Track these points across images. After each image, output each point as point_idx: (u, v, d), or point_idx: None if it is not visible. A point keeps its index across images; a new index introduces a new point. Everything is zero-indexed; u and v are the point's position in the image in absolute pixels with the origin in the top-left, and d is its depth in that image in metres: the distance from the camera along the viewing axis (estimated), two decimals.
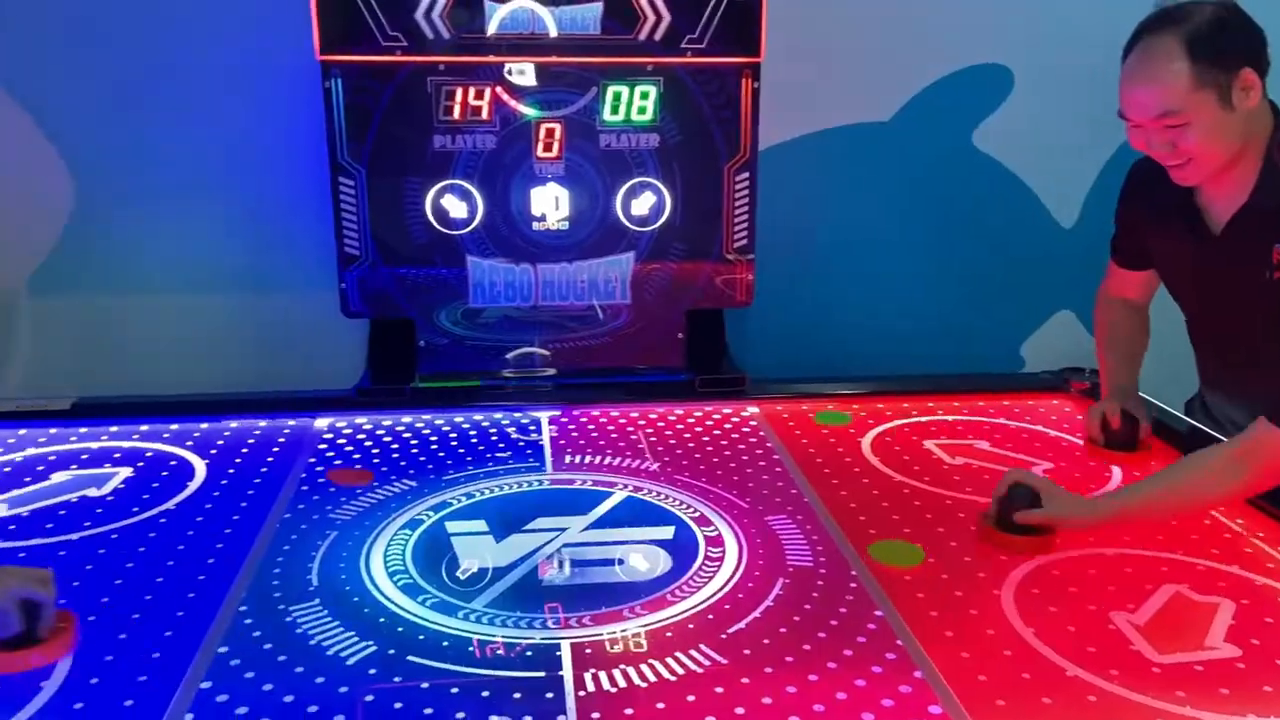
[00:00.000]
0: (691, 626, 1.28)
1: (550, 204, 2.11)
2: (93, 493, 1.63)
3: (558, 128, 2.07)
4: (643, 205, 2.13)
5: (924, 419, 1.98)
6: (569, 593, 1.36)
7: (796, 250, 2.43)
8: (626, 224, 2.14)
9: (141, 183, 2.26)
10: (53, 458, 1.77)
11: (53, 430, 1.86)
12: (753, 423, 1.96)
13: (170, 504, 1.60)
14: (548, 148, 2.08)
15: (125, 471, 1.71)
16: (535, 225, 2.12)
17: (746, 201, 2.13)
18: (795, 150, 2.40)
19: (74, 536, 1.49)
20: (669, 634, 1.26)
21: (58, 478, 1.69)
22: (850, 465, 1.76)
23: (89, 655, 1.20)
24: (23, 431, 1.86)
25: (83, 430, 1.86)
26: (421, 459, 1.78)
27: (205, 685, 1.15)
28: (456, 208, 2.09)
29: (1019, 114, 2.45)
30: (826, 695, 1.14)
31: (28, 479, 1.68)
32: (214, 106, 2.24)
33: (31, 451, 1.79)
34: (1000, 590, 1.36)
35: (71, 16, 2.17)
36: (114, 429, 1.87)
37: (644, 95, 2.07)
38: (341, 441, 1.85)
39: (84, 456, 1.77)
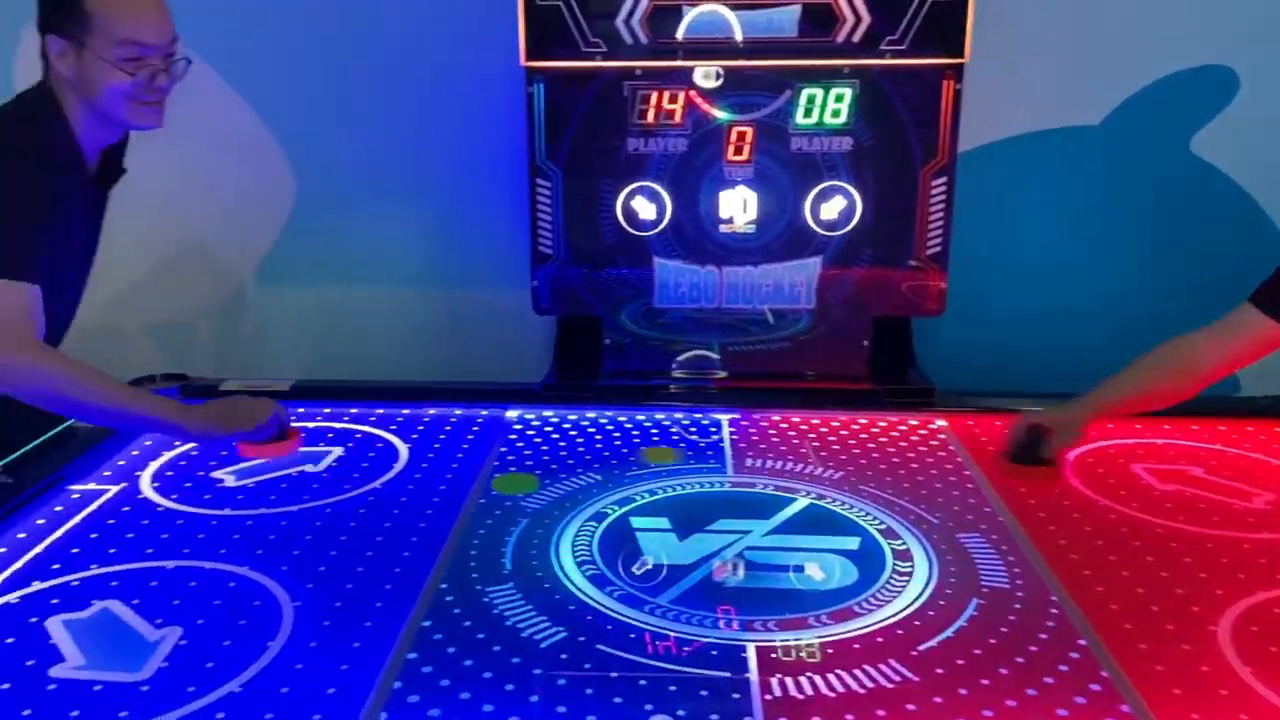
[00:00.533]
0: (880, 640, 1.25)
1: (738, 207, 2.12)
2: (310, 469, 1.75)
3: (749, 131, 2.08)
4: (832, 209, 2.10)
5: (1131, 441, 1.87)
6: (754, 597, 1.36)
7: (991, 259, 2.34)
8: (815, 228, 2.12)
9: (355, 182, 2.42)
10: None
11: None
12: (941, 436, 1.91)
13: (378, 483, 1.70)
14: (738, 150, 2.09)
15: (338, 450, 1.83)
16: (722, 228, 2.13)
17: (943, 207, 2.07)
18: (996, 155, 2.31)
19: (294, 508, 1.61)
20: (856, 645, 1.24)
21: None
22: (1049, 485, 1.68)
23: (308, 620, 1.29)
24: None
25: (300, 410, 1.99)
26: (605, 454, 1.82)
27: (411, 656, 1.22)
28: (646, 209, 2.13)
29: (1244, 119, 2.27)
30: None
31: None
32: (422, 111, 2.37)
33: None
34: (1216, 625, 1.27)
35: (293, 25, 2.33)
36: (327, 410, 2.00)
37: (839, 98, 2.04)
38: (530, 433, 1.92)
39: (302, 435, 1.90)
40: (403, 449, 1.84)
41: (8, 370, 1.42)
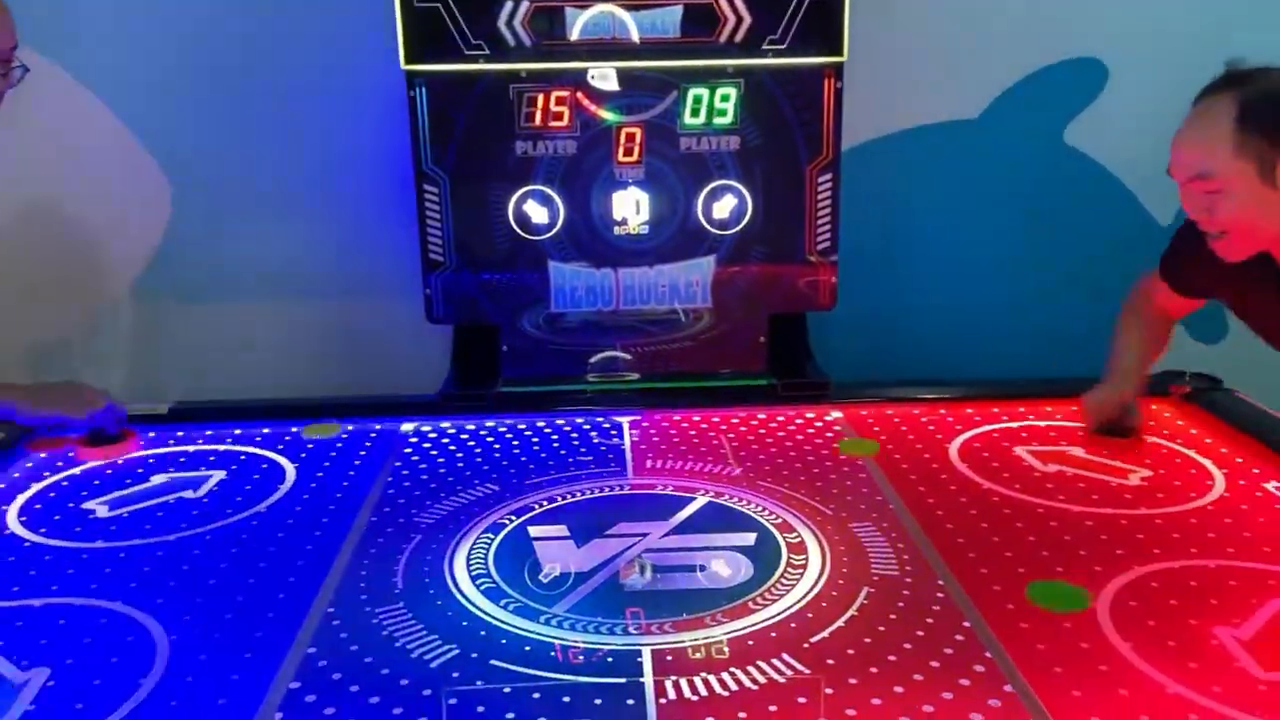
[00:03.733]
0: (774, 635, 1.26)
1: (631, 208, 2.12)
2: (189, 495, 1.69)
3: (638, 132, 2.07)
4: (724, 208, 2.12)
5: (1014, 425, 1.92)
6: (651, 599, 1.36)
7: (881, 252, 2.38)
8: (707, 227, 2.12)
9: (234, 191, 2.34)
10: (152, 460, 1.84)
11: (151, 434, 1.93)
12: (836, 428, 1.93)
13: (262, 506, 1.65)
14: (628, 152, 2.08)
15: (220, 474, 1.77)
16: (616, 230, 2.12)
17: (829, 203, 2.10)
18: (879, 150, 2.36)
19: (171, 538, 1.54)
20: (751, 642, 1.25)
21: (156, 480, 1.75)
22: (937, 472, 1.72)
23: (184, 654, 1.24)
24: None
25: (180, 434, 1.93)
26: (504, 464, 1.80)
27: (294, 685, 1.18)
28: (538, 213, 2.11)
29: (1114, 109, 2.36)
30: (912, 708, 1.11)
31: (128, 481, 1.75)
32: (303, 117, 2.31)
33: (132, 454, 1.86)
34: (1096, 603, 1.31)
35: (162, 29, 2.25)
36: (209, 432, 1.94)
37: (724, 98, 2.06)
38: (426, 445, 1.88)
39: (181, 459, 1.84)
40: (290, 469, 1.79)
41: None
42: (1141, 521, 1.52)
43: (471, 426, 1.96)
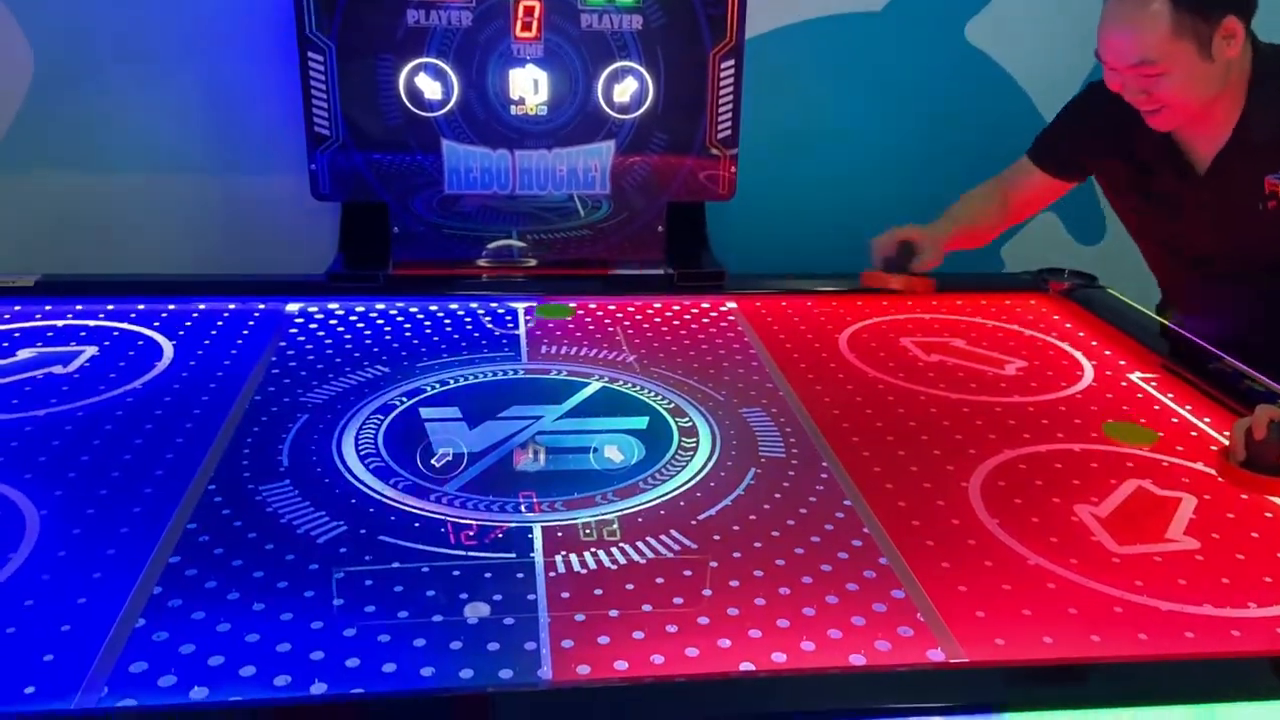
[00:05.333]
0: (663, 513, 1.29)
1: (529, 87, 2.05)
2: (59, 370, 1.61)
3: (537, 6, 1.99)
4: (624, 91, 2.07)
5: (901, 317, 1.97)
6: (543, 479, 1.36)
7: (780, 144, 2.38)
8: (608, 111, 2.08)
9: (103, 55, 2.17)
10: (17, 335, 1.74)
11: (17, 307, 1.82)
12: (730, 318, 1.95)
13: (137, 383, 1.58)
14: (526, 26, 2.01)
15: (91, 350, 1.68)
16: (513, 109, 2.06)
17: (731, 91, 2.08)
18: (782, 40, 2.33)
19: (40, 413, 1.47)
20: (640, 520, 1.27)
21: (23, 354, 1.66)
22: (826, 360, 1.76)
23: (56, 529, 1.20)
24: None
25: (48, 308, 1.82)
26: (395, 346, 1.76)
27: (174, 560, 1.15)
28: (431, 88, 2.02)
29: (1012, 7, 2.38)
30: (793, 579, 1.15)
31: None
32: None
33: None
34: (968, 483, 1.37)
35: None
36: (79, 307, 1.84)
37: None
38: (313, 326, 1.83)
39: (49, 334, 1.74)
40: (167, 346, 1.71)
41: None
42: (1014, 408, 1.60)
43: (361, 309, 1.91)
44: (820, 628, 1.08)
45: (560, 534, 1.23)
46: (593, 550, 1.20)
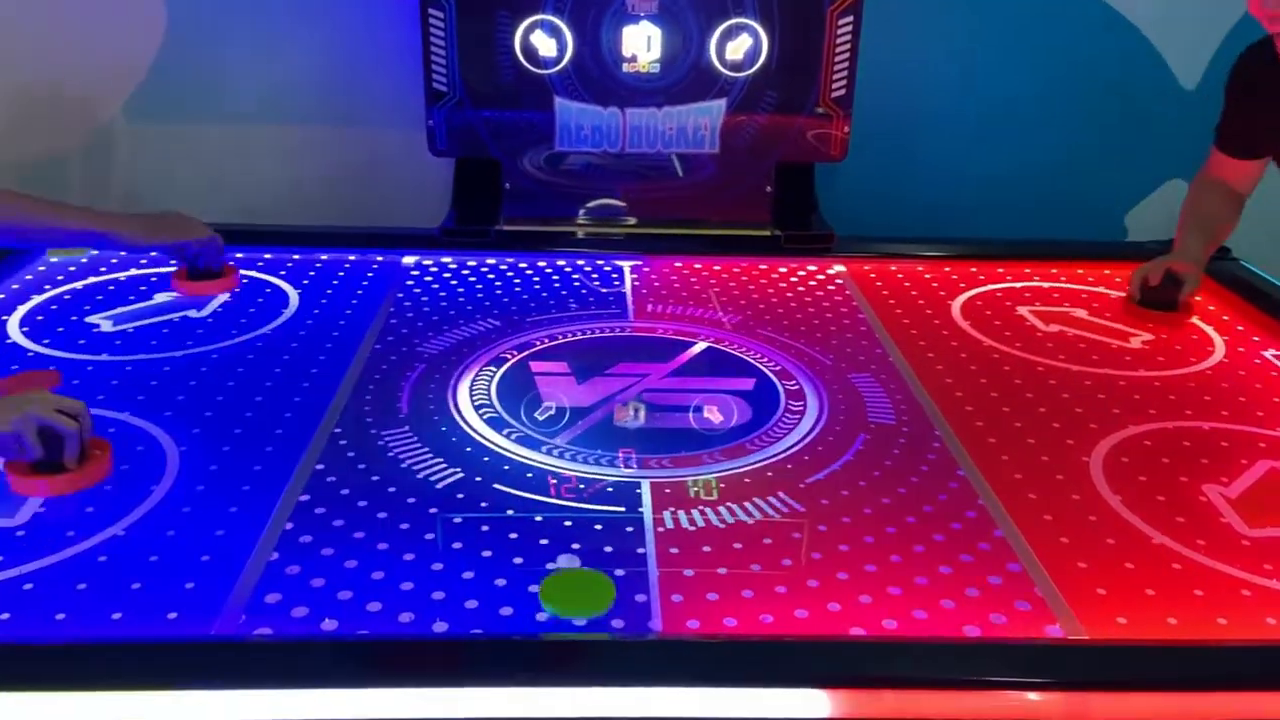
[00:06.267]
0: (770, 475, 1.29)
1: (642, 44, 2.04)
2: (193, 314, 1.68)
3: None
4: (738, 49, 2.04)
5: (1019, 284, 1.92)
6: (649, 437, 1.38)
7: (894, 104, 2.31)
8: (720, 68, 2.05)
9: (232, 10, 2.23)
10: (155, 279, 1.82)
11: (153, 253, 1.91)
12: (838, 281, 1.93)
13: (267, 329, 1.65)
14: None
15: (224, 295, 1.76)
16: (625, 67, 2.05)
17: (848, 49, 2.03)
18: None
19: (177, 354, 1.55)
20: (747, 480, 1.27)
21: (160, 298, 1.75)
22: (939, 328, 1.73)
23: (195, 465, 1.26)
24: (124, 253, 1.90)
25: None
26: (505, 300, 1.80)
27: (304, 498, 1.20)
28: (545, 45, 2.03)
29: None
30: (904, 548, 1.15)
31: (131, 298, 1.74)
32: None
33: (135, 272, 1.84)
34: (1089, 457, 1.34)
35: None
36: None
37: None
38: (428, 279, 1.87)
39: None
40: (293, 294, 1.78)
41: None
42: (1139, 383, 1.54)
43: (473, 263, 1.95)
44: (933, 597, 1.07)
45: (668, 490, 1.25)
46: (700, 509, 1.21)
